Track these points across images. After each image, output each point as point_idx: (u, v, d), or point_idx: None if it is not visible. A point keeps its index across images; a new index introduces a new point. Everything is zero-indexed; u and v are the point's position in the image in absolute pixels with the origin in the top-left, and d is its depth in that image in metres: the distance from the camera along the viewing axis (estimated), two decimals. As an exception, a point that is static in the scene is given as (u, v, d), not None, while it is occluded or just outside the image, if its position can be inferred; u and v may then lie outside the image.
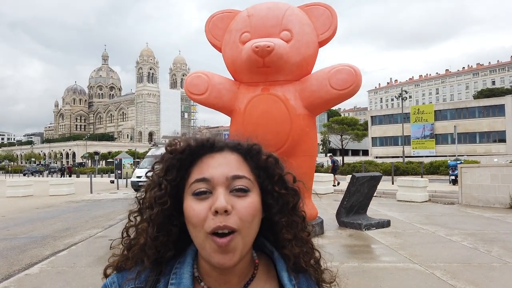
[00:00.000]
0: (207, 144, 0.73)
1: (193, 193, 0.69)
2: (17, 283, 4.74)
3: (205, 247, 0.67)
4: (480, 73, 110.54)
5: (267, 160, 0.75)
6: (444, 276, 4.64)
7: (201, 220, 0.67)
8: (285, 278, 0.74)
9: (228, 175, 0.69)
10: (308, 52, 6.39)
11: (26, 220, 10.22)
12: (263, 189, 0.74)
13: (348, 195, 8.03)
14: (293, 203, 0.76)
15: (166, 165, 0.73)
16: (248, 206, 0.68)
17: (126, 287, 0.73)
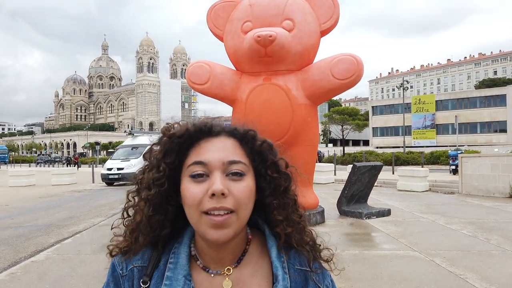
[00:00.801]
0: (205, 129, 0.76)
1: (190, 175, 0.72)
2: (23, 269, 4.83)
3: (200, 224, 0.70)
4: (482, 63, 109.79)
5: (261, 145, 0.78)
6: (443, 263, 4.71)
7: (197, 201, 0.70)
8: (273, 254, 0.77)
9: (224, 160, 0.72)
10: (310, 42, 6.37)
11: (30, 209, 10.31)
12: (257, 172, 0.77)
13: (349, 184, 8.09)
14: (285, 186, 0.79)
15: (165, 148, 0.76)
16: (243, 189, 0.71)
17: (131, 266, 0.78)
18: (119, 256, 0.81)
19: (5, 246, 6.09)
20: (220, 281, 0.75)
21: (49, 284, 4.23)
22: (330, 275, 0.83)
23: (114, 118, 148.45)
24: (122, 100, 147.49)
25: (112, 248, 0.83)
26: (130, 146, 18.96)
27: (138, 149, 18.25)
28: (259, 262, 0.78)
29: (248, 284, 0.75)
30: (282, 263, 0.76)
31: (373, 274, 4.35)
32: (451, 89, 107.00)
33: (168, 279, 0.73)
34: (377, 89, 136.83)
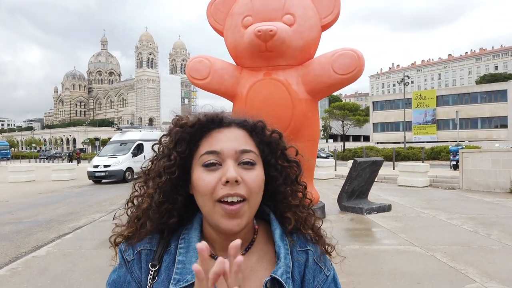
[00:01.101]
0: (216, 119, 0.77)
1: (203, 164, 0.73)
2: (25, 264, 4.84)
3: (213, 214, 0.72)
4: (483, 58, 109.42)
5: (271, 136, 0.80)
6: (444, 258, 4.71)
7: (210, 190, 0.71)
8: (277, 235, 0.79)
9: (237, 149, 0.73)
10: (311, 36, 6.32)
11: (30, 204, 10.33)
12: (266, 162, 0.79)
13: (349, 179, 8.08)
14: (296, 175, 0.82)
15: (176, 138, 0.77)
16: (255, 178, 0.73)
17: (138, 249, 0.78)
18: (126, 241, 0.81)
19: (6, 241, 6.10)
20: None
21: (50, 279, 4.23)
22: (331, 262, 0.84)
23: (113, 114, 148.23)
24: (122, 95, 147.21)
25: (115, 237, 0.83)
26: (118, 142, 18.42)
27: (126, 145, 17.75)
28: (264, 249, 0.80)
29: (255, 269, 0.77)
30: (285, 244, 0.78)
31: (374, 269, 4.35)
32: (452, 84, 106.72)
33: (180, 263, 0.74)
34: (377, 84, 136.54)
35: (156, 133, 19.39)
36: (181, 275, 0.72)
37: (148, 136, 18.87)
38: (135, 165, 16.80)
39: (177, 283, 0.72)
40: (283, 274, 0.73)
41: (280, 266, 0.74)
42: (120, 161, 16.65)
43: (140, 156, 17.43)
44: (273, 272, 0.73)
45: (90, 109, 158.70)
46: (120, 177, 16.42)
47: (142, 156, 17.34)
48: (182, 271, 0.73)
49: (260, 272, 0.77)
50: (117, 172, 16.36)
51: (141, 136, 18.55)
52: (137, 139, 18.07)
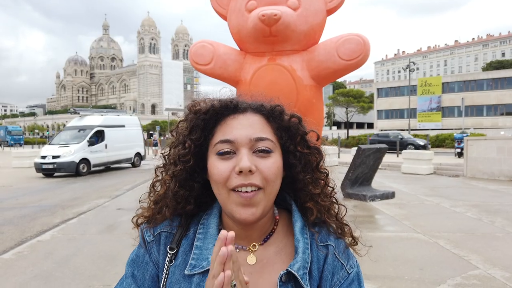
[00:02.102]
0: (230, 105, 0.75)
1: (217, 152, 0.71)
2: (30, 248, 4.89)
3: (228, 202, 0.70)
4: (490, 44, 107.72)
5: (290, 120, 0.76)
6: (447, 245, 4.71)
7: (224, 178, 0.69)
8: (297, 228, 0.76)
9: (251, 137, 0.70)
10: (316, 21, 6.20)
11: (34, 190, 10.41)
12: (285, 149, 0.75)
13: (353, 167, 8.06)
14: (317, 162, 0.78)
15: (191, 124, 0.76)
16: (271, 166, 0.70)
17: (159, 230, 0.79)
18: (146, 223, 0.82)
19: (11, 225, 6.17)
20: (245, 256, 0.75)
21: (55, 263, 4.28)
22: (356, 260, 0.80)
23: (116, 100, 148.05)
24: (124, 81, 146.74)
25: (137, 218, 0.83)
26: (76, 128, 15.42)
27: (86, 131, 14.91)
28: (284, 241, 0.78)
29: (272, 261, 0.75)
30: (305, 238, 0.75)
31: (377, 256, 4.35)
32: (458, 71, 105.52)
33: (197, 248, 0.74)
34: (382, 71, 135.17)
35: (124, 118, 17.71)
36: (198, 260, 0.72)
37: (111, 121, 16.18)
38: (93, 156, 14.56)
39: (192, 269, 0.72)
40: (299, 269, 0.70)
41: (297, 261, 0.71)
42: (72, 151, 13.80)
43: (100, 145, 14.99)
44: (289, 266, 0.71)
45: (92, 95, 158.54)
46: (71, 170, 13.65)
47: (102, 145, 15.08)
48: (199, 256, 0.73)
49: (277, 265, 0.74)
50: (68, 164, 13.56)
51: (102, 122, 15.62)
52: (96, 125, 15.23)
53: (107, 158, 15.40)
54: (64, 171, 13.79)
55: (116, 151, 15.74)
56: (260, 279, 0.73)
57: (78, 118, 16.47)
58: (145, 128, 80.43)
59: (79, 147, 14.14)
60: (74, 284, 3.69)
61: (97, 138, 15.13)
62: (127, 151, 16.63)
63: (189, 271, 0.72)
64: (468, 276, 3.74)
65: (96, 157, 14.75)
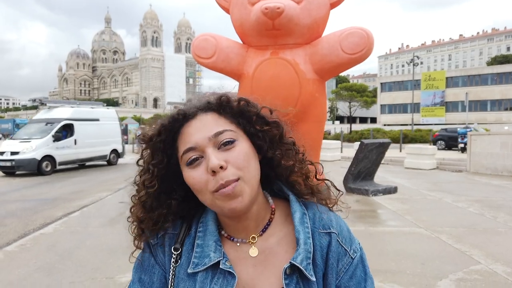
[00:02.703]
0: (179, 117, 0.75)
1: (186, 163, 0.72)
2: (33, 241, 4.93)
3: (215, 203, 0.71)
4: (495, 39, 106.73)
5: (239, 105, 0.76)
6: (449, 240, 4.71)
7: (203, 185, 0.70)
8: (296, 219, 0.76)
9: (209, 135, 0.71)
10: (320, 14, 6.15)
11: (35, 183, 10.47)
12: (248, 133, 0.76)
13: (356, 161, 8.04)
14: (279, 135, 0.78)
15: (152, 150, 0.77)
16: (238, 155, 0.71)
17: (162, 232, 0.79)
18: None
19: (14, 218, 6.21)
20: (246, 249, 0.76)
21: (58, 256, 4.31)
22: (359, 242, 0.80)
23: (118, 93, 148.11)
24: (126, 74, 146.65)
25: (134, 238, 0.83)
26: (43, 121, 13.66)
27: (53, 124, 13.16)
28: (283, 230, 0.78)
29: (275, 251, 0.75)
30: (305, 228, 0.75)
31: (379, 250, 4.36)
32: (462, 66, 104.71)
33: (199, 246, 0.75)
34: (386, 65, 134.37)
35: (98, 111, 15.68)
36: (200, 258, 0.73)
37: (82, 114, 14.36)
38: (59, 152, 12.87)
39: (195, 267, 0.73)
40: (303, 260, 0.70)
41: (299, 253, 0.71)
42: (34, 146, 12.20)
43: (68, 140, 13.32)
44: (292, 259, 0.71)
45: (94, 88, 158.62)
46: (32, 168, 12.05)
47: (71, 141, 13.41)
48: (201, 254, 0.74)
49: (281, 255, 0.75)
50: (28, 161, 11.94)
51: (72, 114, 13.84)
52: (63, 118, 13.50)
53: (76, 155, 13.66)
54: (23, 169, 12.11)
55: (87, 147, 14.01)
56: (265, 271, 0.73)
57: (46, 110, 14.52)
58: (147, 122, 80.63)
59: (41, 142, 12.43)
60: (77, 276, 3.71)
61: (66, 133, 13.46)
62: (101, 147, 14.80)
63: (192, 269, 0.73)
64: (469, 271, 3.73)
65: (63, 154, 13.07)
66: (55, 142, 12.84)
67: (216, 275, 0.71)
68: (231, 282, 0.70)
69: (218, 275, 0.71)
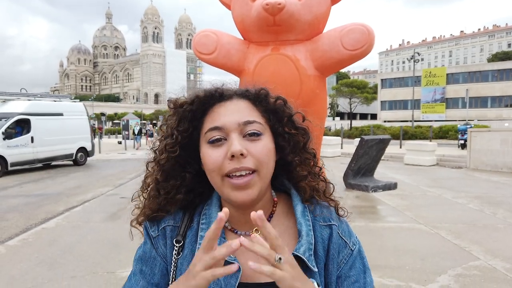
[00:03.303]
0: (216, 94, 0.76)
1: (208, 141, 0.72)
2: (35, 235, 4.96)
3: (223, 188, 0.72)
4: (496, 35, 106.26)
5: (275, 103, 0.77)
6: (448, 236, 4.73)
7: (218, 165, 0.71)
8: (298, 212, 0.78)
9: (240, 121, 0.72)
10: (320, 10, 6.12)
11: (38, 178, 10.50)
12: (274, 131, 0.77)
13: (356, 157, 8.05)
14: (304, 142, 0.79)
15: (179, 117, 0.77)
16: (262, 149, 0.71)
17: (164, 225, 0.80)
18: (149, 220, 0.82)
19: (16, 213, 6.24)
20: None
21: (60, 250, 4.34)
22: (356, 236, 0.83)
23: (119, 89, 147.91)
24: (127, 70, 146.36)
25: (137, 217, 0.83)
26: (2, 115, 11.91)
27: (8, 120, 11.49)
28: (285, 223, 0.79)
29: None
30: (306, 220, 0.76)
31: (379, 246, 4.38)
32: (463, 62, 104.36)
33: (202, 238, 0.75)
34: (387, 61, 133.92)
35: (62, 104, 13.84)
36: None
37: (41, 108, 12.56)
38: (12, 152, 11.29)
39: None
40: (305, 252, 0.72)
41: (302, 244, 0.73)
42: None
43: (23, 138, 11.67)
44: (295, 250, 0.72)
45: (95, 84, 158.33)
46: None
47: (26, 138, 11.75)
48: None
49: None
50: None
51: (27, 108, 12.07)
52: (17, 113, 11.79)
53: (33, 154, 11.97)
54: None
55: (48, 145, 12.33)
56: None
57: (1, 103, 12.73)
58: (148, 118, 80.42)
59: None
60: (78, 270, 3.74)
61: (21, 129, 11.82)
62: (66, 145, 13.02)
63: None
64: (468, 267, 3.76)
65: (17, 153, 11.42)
66: (6, 140, 11.21)
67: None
68: (236, 274, 0.70)
69: None
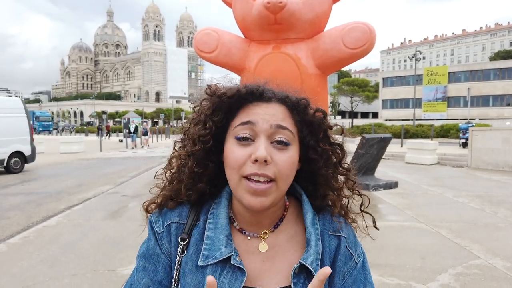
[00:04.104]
0: (256, 92, 0.74)
1: (236, 136, 0.71)
2: (36, 233, 4.97)
3: (238, 188, 0.70)
4: (498, 34, 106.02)
5: (314, 115, 0.75)
6: (449, 235, 4.73)
7: (239, 165, 0.69)
8: (308, 220, 0.76)
9: (272, 123, 0.70)
10: (322, 9, 6.12)
11: (39, 176, 10.52)
12: (304, 143, 0.75)
13: (357, 156, 8.04)
14: (339, 159, 0.78)
15: (214, 106, 0.75)
16: (286, 160, 0.70)
17: (168, 222, 0.79)
18: (156, 213, 0.81)
19: (18, 211, 6.26)
20: (257, 244, 0.76)
21: (61, 248, 4.35)
22: (362, 246, 0.82)
23: (120, 87, 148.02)
24: (128, 68, 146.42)
25: (147, 204, 0.83)
26: None
27: None
28: (294, 228, 0.78)
29: (283, 248, 0.76)
30: (315, 229, 0.75)
31: (379, 245, 4.38)
32: (465, 61, 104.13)
33: (209, 238, 0.74)
34: (388, 60, 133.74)
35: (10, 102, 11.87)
36: (210, 251, 0.73)
37: None
38: None
39: (205, 260, 0.72)
40: (312, 262, 0.72)
41: (310, 254, 0.72)
42: None
43: None
44: (302, 260, 0.72)
45: (96, 82, 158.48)
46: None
47: None
48: (211, 247, 0.73)
49: (289, 253, 0.76)
50: None
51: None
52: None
53: None
54: None
55: None
56: (273, 267, 0.74)
57: None
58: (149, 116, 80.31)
59: None
60: (79, 268, 3.75)
61: None
62: None
63: (202, 262, 0.72)
64: (469, 266, 3.76)
65: None
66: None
67: (225, 269, 0.71)
68: (241, 277, 0.70)
69: (228, 269, 0.71)
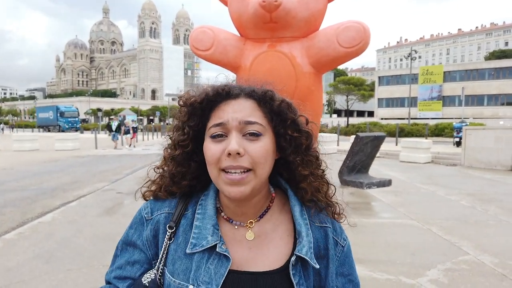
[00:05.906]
0: (222, 93, 0.78)
1: (211, 135, 0.77)
2: (31, 229, 4.99)
3: (219, 181, 0.76)
4: (493, 33, 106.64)
5: (280, 105, 0.79)
6: (439, 232, 4.81)
7: (215, 159, 0.75)
8: (296, 212, 0.82)
9: (241, 120, 0.75)
10: (317, 7, 6.16)
11: (34, 173, 10.49)
12: (276, 132, 0.79)
13: (351, 154, 8.12)
14: (306, 144, 0.82)
15: (189, 112, 0.81)
16: (259, 149, 0.74)
17: (158, 211, 0.85)
18: (148, 202, 0.88)
19: (12, 207, 6.26)
20: (244, 232, 0.81)
21: (56, 244, 4.38)
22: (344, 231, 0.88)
23: (116, 85, 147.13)
24: (124, 66, 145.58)
25: (145, 191, 0.90)
26: None
27: None
28: (279, 218, 0.83)
29: (270, 237, 0.81)
30: (304, 220, 0.81)
31: (371, 241, 4.45)
32: (460, 60, 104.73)
33: (197, 228, 0.79)
34: (384, 59, 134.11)
35: None
36: (198, 239, 0.78)
37: None
38: None
39: (193, 247, 0.77)
40: (307, 252, 0.77)
41: (303, 245, 0.77)
42: None
43: None
44: (298, 251, 0.77)
45: (92, 79, 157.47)
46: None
47: None
48: (199, 236, 0.78)
49: (275, 241, 0.81)
50: None
51: None
52: None
53: None
54: None
55: None
56: (260, 253, 0.79)
57: None
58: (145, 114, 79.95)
59: None
60: (75, 263, 3.79)
61: None
62: None
63: (190, 250, 0.77)
64: (458, 262, 3.84)
65: None
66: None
67: (212, 256, 0.76)
68: (226, 264, 0.75)
69: (214, 256, 0.76)
